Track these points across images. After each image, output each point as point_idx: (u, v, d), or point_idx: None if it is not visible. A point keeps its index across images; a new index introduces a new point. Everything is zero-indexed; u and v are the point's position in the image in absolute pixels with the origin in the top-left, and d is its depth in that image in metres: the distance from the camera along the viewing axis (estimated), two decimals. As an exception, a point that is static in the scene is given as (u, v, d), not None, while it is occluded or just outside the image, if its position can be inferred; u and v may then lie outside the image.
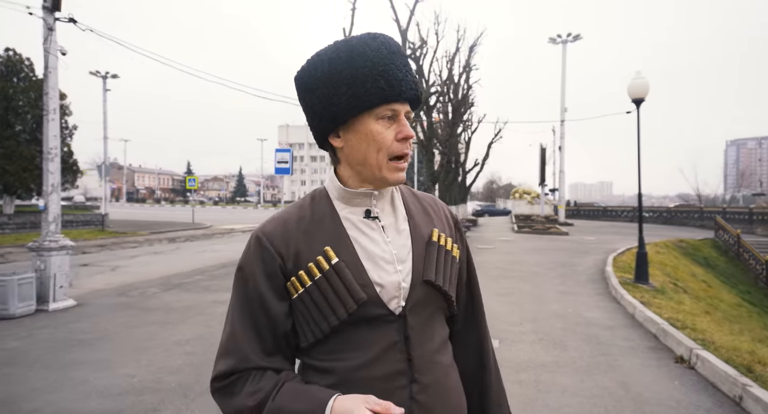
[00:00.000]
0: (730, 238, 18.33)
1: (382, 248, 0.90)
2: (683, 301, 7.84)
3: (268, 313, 0.88)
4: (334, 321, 0.85)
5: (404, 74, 0.87)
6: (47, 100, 6.62)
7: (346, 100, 0.85)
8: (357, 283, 0.85)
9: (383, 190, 0.94)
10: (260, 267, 0.89)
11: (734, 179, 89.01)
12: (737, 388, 3.48)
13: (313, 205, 0.95)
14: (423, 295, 0.90)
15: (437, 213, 1.03)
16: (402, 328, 0.87)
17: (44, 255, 6.35)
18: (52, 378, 3.75)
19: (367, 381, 0.84)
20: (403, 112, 0.88)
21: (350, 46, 0.86)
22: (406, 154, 0.88)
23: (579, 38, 25.66)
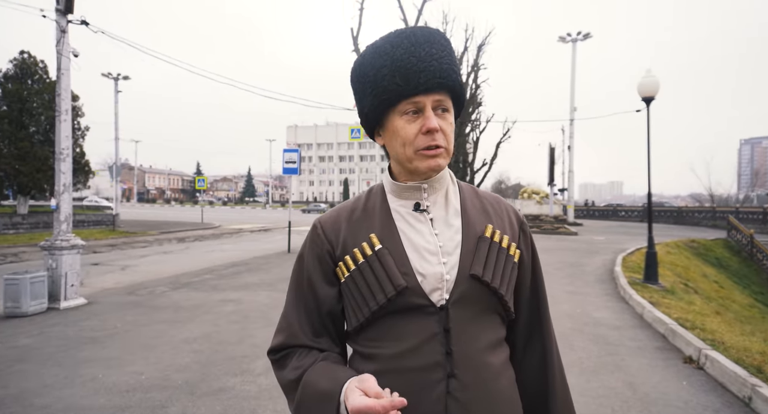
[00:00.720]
0: (743, 238, 18.04)
1: (427, 240, 0.91)
2: (693, 301, 7.74)
3: (316, 296, 0.94)
4: (373, 305, 0.88)
5: (427, 64, 0.85)
6: (59, 101, 6.73)
7: (371, 101, 0.90)
8: (399, 271, 0.87)
9: (435, 184, 0.95)
10: (312, 252, 0.96)
11: (748, 178, 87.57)
12: (746, 389, 3.43)
13: (368, 197, 1.00)
14: (469, 290, 0.88)
15: (498, 213, 1.00)
16: (443, 321, 0.87)
17: (56, 254, 6.45)
18: (63, 374, 3.81)
19: (405, 371, 0.85)
20: (429, 103, 0.87)
21: (374, 47, 0.90)
22: (434, 145, 0.87)
23: (589, 37, 25.44)
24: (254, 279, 8.63)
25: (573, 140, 26.85)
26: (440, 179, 0.96)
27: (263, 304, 6.46)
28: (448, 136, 0.89)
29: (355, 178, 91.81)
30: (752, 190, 62.47)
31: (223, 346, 4.57)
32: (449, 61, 0.88)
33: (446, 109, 0.89)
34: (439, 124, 0.87)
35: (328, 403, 0.80)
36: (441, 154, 0.88)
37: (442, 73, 0.86)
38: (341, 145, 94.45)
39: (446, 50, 0.89)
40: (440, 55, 0.87)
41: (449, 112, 0.90)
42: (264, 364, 4.06)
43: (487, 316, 0.91)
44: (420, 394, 0.83)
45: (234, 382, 3.66)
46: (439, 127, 0.87)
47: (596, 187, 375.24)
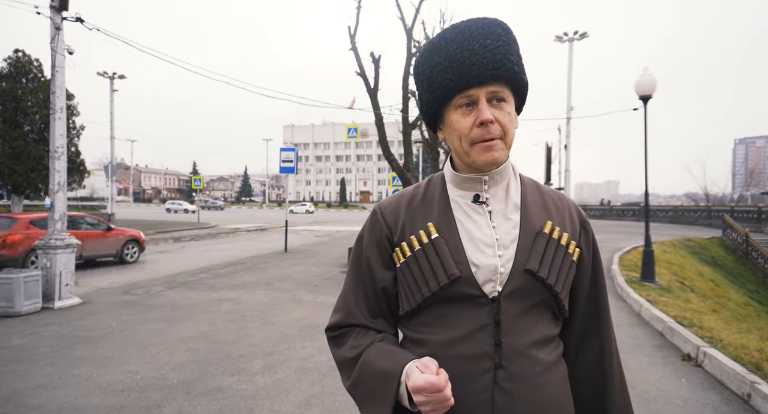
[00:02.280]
0: (738, 236, 18.13)
1: (483, 232, 0.91)
2: (690, 299, 7.77)
3: (373, 278, 0.97)
4: (426, 292, 0.89)
5: (480, 57, 0.85)
6: (54, 98, 6.66)
7: (427, 97, 0.92)
8: (453, 260, 0.88)
9: (496, 177, 0.94)
10: (371, 236, 0.98)
11: (743, 178, 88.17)
12: (745, 386, 3.43)
13: (428, 186, 1.01)
14: (523, 285, 0.87)
15: (560, 209, 0.99)
16: (494, 312, 0.87)
17: (50, 253, 6.39)
18: (57, 374, 3.77)
19: (453, 358, 0.86)
20: (483, 96, 0.86)
21: (431, 44, 0.91)
22: (489, 138, 0.86)
23: (586, 36, 25.42)
24: (251, 278, 8.58)
25: (570, 139, 26.88)
26: (501, 172, 0.94)
27: (260, 304, 6.42)
28: (505, 126, 0.87)
29: (352, 178, 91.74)
30: (747, 190, 62.84)
31: (220, 345, 4.53)
32: (505, 51, 0.86)
33: (503, 100, 0.88)
34: (495, 115, 0.86)
35: (389, 381, 0.83)
36: (497, 147, 0.87)
37: (495, 64, 0.85)
38: (338, 145, 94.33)
39: (502, 39, 0.87)
40: (495, 46, 0.86)
41: (507, 102, 0.88)
42: (261, 364, 4.02)
43: (540, 311, 0.90)
44: (467, 382, 0.84)
45: (230, 382, 3.62)
46: (493, 119, 0.85)
47: (592, 187, 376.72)
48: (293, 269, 9.75)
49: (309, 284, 7.98)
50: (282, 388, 3.52)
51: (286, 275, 8.97)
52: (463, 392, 0.83)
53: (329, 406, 3.21)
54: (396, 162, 11.54)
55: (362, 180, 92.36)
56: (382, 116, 11.69)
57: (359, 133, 21.03)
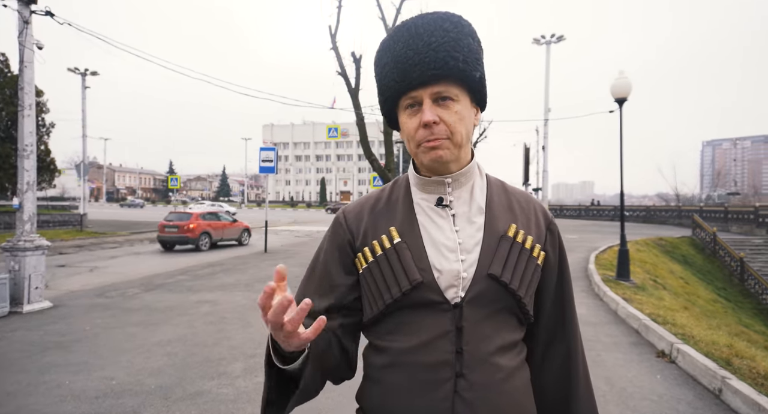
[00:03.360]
0: (706, 235, 18.77)
1: (447, 236, 0.89)
2: (663, 297, 8.00)
3: (331, 282, 0.94)
4: (388, 298, 0.87)
5: (423, 56, 0.82)
6: (23, 95, 6.41)
7: (380, 99, 0.92)
8: (416, 265, 0.86)
9: (460, 178, 0.92)
10: (332, 240, 0.97)
11: (710, 179, 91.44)
12: (717, 381, 3.54)
13: (393, 189, 0.99)
14: (486, 290, 0.85)
15: (526, 212, 0.96)
16: (456, 319, 0.85)
17: (18, 255, 6.14)
18: (26, 381, 3.62)
19: (414, 366, 0.84)
20: (427, 96, 0.83)
21: (382, 43, 0.90)
22: (432, 139, 0.84)
23: (563, 39, 25.93)
24: (230, 279, 8.44)
25: (547, 141, 27.39)
26: (465, 173, 0.92)
27: (240, 305, 6.32)
28: (452, 127, 0.84)
29: (332, 178, 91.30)
30: (714, 190, 65.25)
31: (199, 349, 4.43)
32: (450, 48, 0.83)
33: (449, 98, 0.84)
34: (440, 115, 0.83)
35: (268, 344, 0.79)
36: (442, 146, 0.85)
37: (437, 63, 0.82)
38: (318, 145, 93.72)
39: (449, 35, 0.84)
40: (439, 43, 0.82)
41: (455, 101, 0.85)
42: (242, 366, 3.95)
43: (503, 317, 0.88)
44: (428, 391, 0.82)
45: (210, 386, 3.55)
46: (437, 119, 0.83)
47: (569, 187, 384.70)
48: (273, 270, 9.60)
49: (290, 285, 7.84)
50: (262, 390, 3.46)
51: (266, 276, 8.86)
52: (423, 401, 0.82)
53: (312, 409, 3.18)
54: (377, 162, 11.54)
55: (342, 180, 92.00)
56: (364, 116, 11.67)
57: (340, 133, 20.94)
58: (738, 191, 71.31)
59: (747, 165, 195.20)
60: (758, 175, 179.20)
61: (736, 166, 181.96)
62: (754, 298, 15.05)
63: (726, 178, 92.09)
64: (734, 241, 19.02)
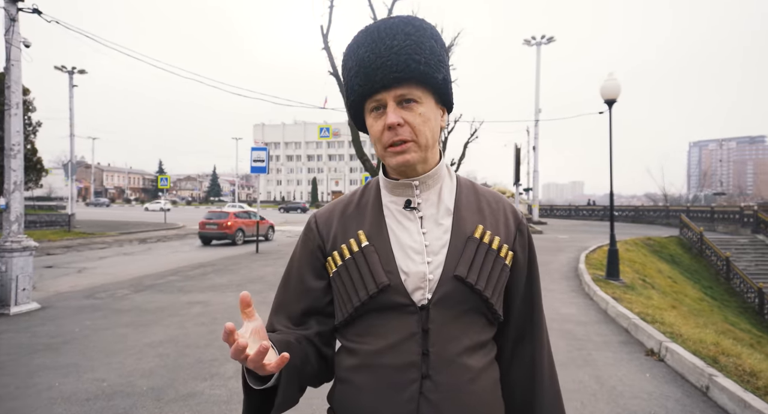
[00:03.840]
0: (693, 235, 19.05)
1: (413, 238, 0.90)
2: (652, 296, 8.11)
3: (305, 287, 0.96)
4: (356, 302, 0.88)
5: (385, 59, 0.83)
6: (9, 93, 6.31)
7: (347, 102, 0.92)
8: (383, 269, 0.87)
9: (428, 181, 0.93)
10: (304, 245, 0.99)
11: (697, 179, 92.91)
12: (704, 379, 3.61)
13: (364, 192, 1.00)
14: (452, 291, 0.86)
15: (495, 212, 0.97)
16: (423, 321, 0.86)
17: (5, 256, 6.05)
18: (15, 384, 3.57)
19: (382, 368, 0.86)
20: (390, 99, 0.84)
21: (347, 48, 0.90)
22: (398, 141, 0.85)
23: (552, 40, 26.21)
24: (222, 280, 8.39)
25: (538, 141, 27.62)
26: (433, 176, 0.93)
27: (232, 306, 6.28)
28: (416, 129, 0.85)
29: (324, 178, 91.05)
30: (701, 191, 66.26)
31: (191, 350, 4.41)
32: (411, 51, 0.83)
33: (413, 100, 0.85)
34: (405, 117, 0.84)
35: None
36: (409, 149, 0.85)
37: (399, 66, 0.82)
38: (309, 144, 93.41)
39: (410, 39, 0.84)
40: (401, 47, 0.83)
41: (419, 103, 0.85)
42: (234, 367, 3.94)
43: (471, 317, 0.89)
44: (393, 392, 0.83)
45: (203, 387, 3.53)
46: (402, 121, 0.84)
47: (559, 187, 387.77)
48: (265, 270, 9.59)
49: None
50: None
51: (257, 277, 8.82)
52: (388, 403, 0.83)
53: (304, 410, 3.18)
54: (369, 162, 11.55)
55: (334, 180, 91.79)
56: (356, 116, 11.69)
57: (331, 133, 20.90)
58: (724, 191, 72.53)
59: (732, 166, 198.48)
60: (743, 176, 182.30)
61: (722, 167, 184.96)
62: (740, 296, 15.32)
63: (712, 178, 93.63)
64: (720, 240, 19.33)
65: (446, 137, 26.18)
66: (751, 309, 14.50)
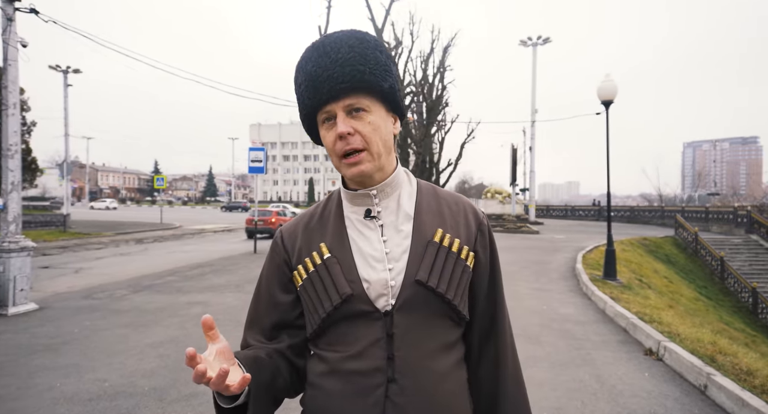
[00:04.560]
0: (688, 235, 19.18)
1: (374, 247, 0.91)
2: (649, 296, 8.17)
3: (274, 301, 0.98)
4: (322, 313, 0.90)
5: (331, 72, 0.84)
6: (6, 93, 6.28)
7: (300, 117, 0.94)
8: (345, 278, 0.89)
9: (386, 189, 0.94)
10: (271, 260, 1.01)
11: (692, 179, 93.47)
12: (702, 378, 3.65)
13: (327, 204, 1.01)
14: (414, 296, 0.87)
15: (455, 214, 0.98)
16: (387, 326, 0.87)
17: (3, 257, 6.02)
18: (16, 385, 3.56)
19: (349, 374, 0.88)
20: (339, 110, 0.86)
21: (297, 65, 0.91)
22: (350, 149, 0.86)
23: (549, 41, 26.30)
24: (220, 280, 8.38)
25: (534, 141, 27.72)
26: (391, 183, 0.95)
27: (231, 306, 6.28)
28: (367, 137, 0.86)
29: (321, 178, 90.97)
30: (695, 191, 66.67)
31: (192, 351, 4.40)
32: (355, 62, 0.85)
33: (362, 109, 0.87)
34: (355, 127, 0.86)
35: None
36: (363, 160, 0.87)
37: (344, 77, 0.84)
38: (306, 144, 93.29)
39: (354, 51, 0.86)
40: (345, 59, 0.85)
41: (368, 112, 0.87)
42: (236, 368, 3.94)
43: (435, 320, 0.90)
44: (359, 397, 0.86)
45: (205, 388, 3.53)
46: (351, 130, 0.85)
47: (555, 187, 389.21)
48: (263, 271, 9.57)
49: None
50: None
51: (256, 277, 8.76)
52: (355, 407, 0.85)
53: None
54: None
55: (331, 180, 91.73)
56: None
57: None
58: (718, 192, 73.01)
59: (726, 166, 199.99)
60: (736, 176, 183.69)
61: (716, 167, 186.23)
62: (734, 296, 15.45)
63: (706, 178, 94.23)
64: (715, 240, 19.47)
65: (443, 138, 26.25)
66: (745, 308, 14.63)
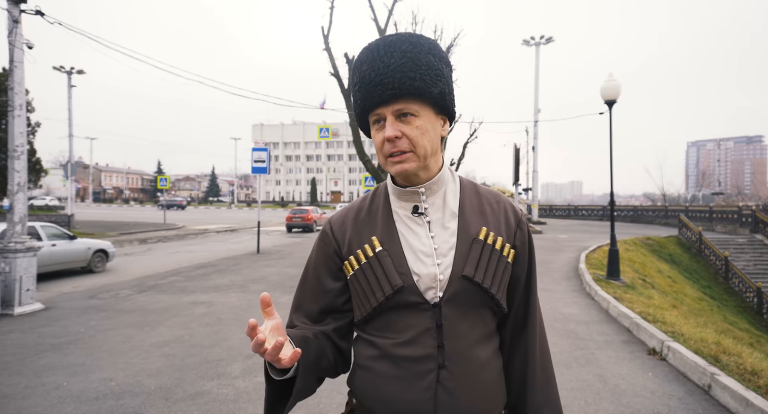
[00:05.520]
0: (692, 235, 19.11)
1: (423, 242, 0.97)
2: (652, 296, 8.16)
3: (322, 288, 1.04)
4: (374, 302, 0.96)
5: (383, 77, 0.89)
6: (12, 95, 6.33)
7: (354, 114, 1.00)
8: (397, 271, 0.95)
9: (433, 186, 1.00)
10: (320, 250, 1.07)
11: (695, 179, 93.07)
12: (706, 377, 3.65)
13: (373, 198, 1.07)
14: (461, 289, 0.94)
15: (496, 212, 1.03)
16: (436, 317, 0.94)
17: (9, 257, 6.07)
18: (23, 384, 3.60)
19: (401, 359, 0.94)
20: (389, 113, 0.91)
21: (353, 65, 0.97)
22: (396, 151, 0.92)
23: (551, 41, 26.24)
24: (224, 281, 8.41)
25: (537, 141, 27.67)
26: (437, 182, 1.00)
27: (235, 306, 6.31)
28: (414, 140, 0.91)
29: (323, 178, 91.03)
30: (699, 190, 66.35)
31: (197, 350, 4.43)
32: (407, 68, 0.89)
33: (410, 114, 0.91)
34: (403, 130, 0.91)
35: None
36: (407, 159, 0.92)
37: (395, 83, 0.88)
38: (308, 144, 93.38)
39: (407, 56, 0.89)
40: (397, 65, 0.89)
41: (417, 116, 0.91)
42: (241, 367, 3.97)
43: (478, 311, 0.97)
44: (413, 381, 0.92)
45: (210, 386, 3.56)
46: (400, 134, 0.91)
47: (558, 187, 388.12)
48: (267, 271, 9.61)
49: (284, 286, 7.90)
50: (264, 391, 3.49)
51: (260, 277, 8.84)
52: (410, 389, 0.92)
53: (312, 408, 3.21)
54: (370, 163, 11.57)
55: (333, 180, 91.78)
56: (357, 117, 11.70)
57: (331, 133, 20.92)
58: (722, 191, 72.62)
59: (730, 165, 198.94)
60: (741, 175, 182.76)
61: (720, 167, 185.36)
62: (738, 296, 15.39)
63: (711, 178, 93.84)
64: (719, 240, 19.39)
65: (446, 137, 26.19)
66: (749, 308, 14.57)
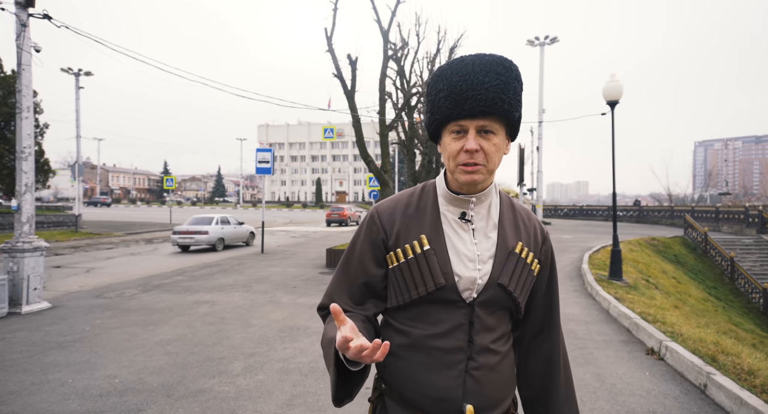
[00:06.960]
0: (698, 235, 18.99)
1: (467, 247, 1.07)
2: (654, 296, 8.15)
3: (366, 273, 1.11)
4: (415, 294, 1.06)
5: (476, 92, 0.96)
6: (20, 97, 6.45)
7: (429, 117, 1.06)
8: (441, 270, 1.04)
9: (482, 197, 1.08)
10: (367, 236, 1.12)
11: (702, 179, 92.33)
12: (702, 377, 3.67)
13: (422, 195, 1.14)
14: (494, 294, 1.05)
15: (528, 228, 1.15)
16: (469, 315, 1.05)
17: (17, 256, 6.19)
18: (30, 381, 3.68)
19: (433, 349, 1.04)
20: (473, 127, 0.98)
21: (440, 70, 1.04)
22: (471, 163, 0.99)
23: (556, 41, 26.13)
24: (228, 280, 8.50)
25: (541, 141, 27.58)
26: (487, 194, 1.09)
27: (238, 306, 6.39)
28: (489, 156, 0.99)
29: (328, 178, 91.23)
30: (706, 190, 65.77)
31: (199, 348, 4.51)
32: (499, 90, 0.97)
33: (491, 132, 0.99)
34: (481, 145, 0.99)
35: (332, 344, 0.98)
36: (478, 171, 1.00)
37: (487, 102, 0.96)
38: (313, 145, 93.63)
39: (500, 78, 0.97)
40: (491, 85, 0.96)
41: (495, 134, 1.00)
42: (242, 365, 4.04)
43: (502, 314, 1.10)
44: (445, 369, 1.03)
45: (212, 384, 3.63)
46: (479, 148, 0.98)
47: (563, 187, 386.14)
48: (270, 270, 9.69)
49: (287, 286, 7.97)
50: (264, 389, 3.56)
51: (263, 277, 8.92)
52: (441, 377, 1.02)
53: (312, 405, 3.27)
54: (373, 163, 11.61)
55: (338, 180, 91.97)
56: (360, 118, 11.74)
57: (335, 134, 20.99)
58: (729, 191, 71.97)
59: (738, 165, 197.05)
60: (749, 175, 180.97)
61: (728, 167, 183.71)
62: (744, 297, 15.28)
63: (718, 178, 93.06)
64: (725, 240, 19.26)
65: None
66: (755, 309, 14.47)
